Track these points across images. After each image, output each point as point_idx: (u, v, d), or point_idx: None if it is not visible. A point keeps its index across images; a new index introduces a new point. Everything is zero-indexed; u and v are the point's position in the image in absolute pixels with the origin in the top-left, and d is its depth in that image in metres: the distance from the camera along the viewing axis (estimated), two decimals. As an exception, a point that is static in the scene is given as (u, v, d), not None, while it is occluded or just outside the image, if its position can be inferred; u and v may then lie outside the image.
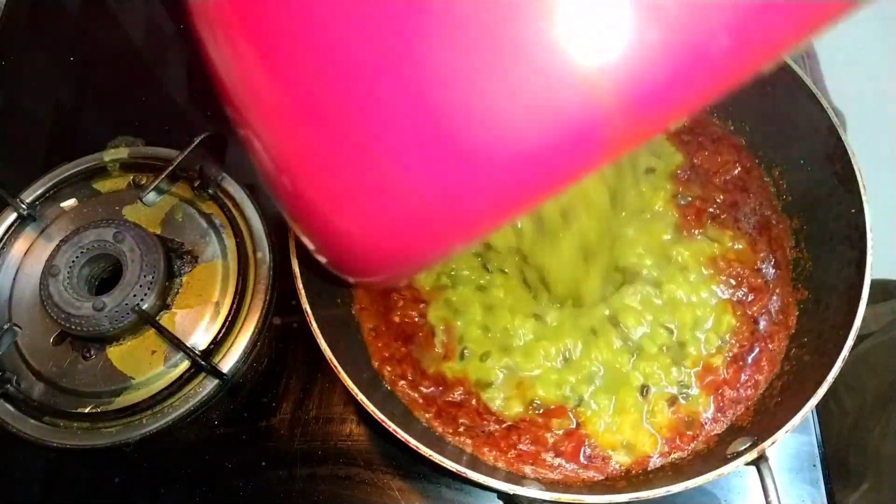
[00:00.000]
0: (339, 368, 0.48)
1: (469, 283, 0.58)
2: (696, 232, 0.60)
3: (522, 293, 0.57)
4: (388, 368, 0.57)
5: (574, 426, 0.54)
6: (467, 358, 0.57)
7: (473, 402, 0.56)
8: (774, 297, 0.58)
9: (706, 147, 0.63)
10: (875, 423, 0.68)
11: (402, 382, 0.57)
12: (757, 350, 0.57)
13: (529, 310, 0.57)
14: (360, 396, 0.47)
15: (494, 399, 0.55)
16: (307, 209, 0.30)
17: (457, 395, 0.56)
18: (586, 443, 0.54)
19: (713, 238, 0.60)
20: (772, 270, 0.59)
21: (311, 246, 0.34)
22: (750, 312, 0.58)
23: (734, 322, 0.57)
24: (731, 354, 0.56)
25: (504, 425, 0.55)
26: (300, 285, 0.51)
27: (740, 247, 0.59)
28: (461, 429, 0.55)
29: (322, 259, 0.34)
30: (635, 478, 0.53)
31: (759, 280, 0.59)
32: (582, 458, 0.54)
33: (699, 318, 0.57)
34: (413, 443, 0.46)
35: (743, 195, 0.62)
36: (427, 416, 0.56)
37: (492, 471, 0.52)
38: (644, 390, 0.55)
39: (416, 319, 0.59)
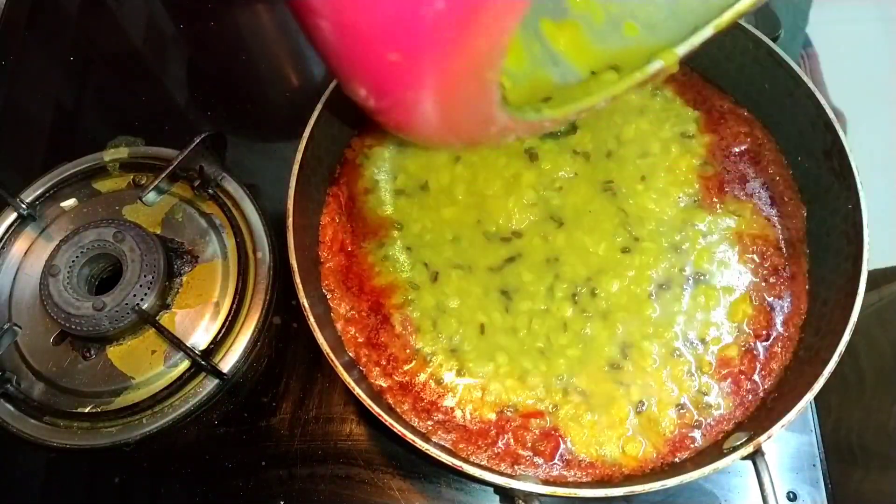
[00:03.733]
0: (339, 367, 0.48)
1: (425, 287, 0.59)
2: (717, 204, 0.59)
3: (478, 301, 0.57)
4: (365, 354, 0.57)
5: (550, 427, 0.53)
6: (419, 356, 0.56)
7: (438, 394, 0.55)
8: (790, 280, 0.57)
9: (721, 120, 0.64)
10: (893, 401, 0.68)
11: (377, 370, 0.56)
12: (773, 337, 0.56)
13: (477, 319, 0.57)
14: (357, 391, 0.47)
15: (464, 401, 0.55)
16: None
17: (423, 384, 0.55)
18: (564, 446, 0.53)
19: (734, 212, 0.59)
20: (788, 248, 0.59)
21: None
22: (767, 297, 0.57)
23: (749, 311, 0.56)
24: (745, 346, 0.55)
25: (479, 425, 0.54)
26: (297, 280, 0.51)
27: (759, 222, 0.59)
28: (430, 423, 0.54)
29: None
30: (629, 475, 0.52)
31: (780, 259, 0.58)
32: (559, 461, 0.53)
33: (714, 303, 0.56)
34: (409, 437, 0.46)
35: (756, 168, 0.61)
36: (404, 407, 0.55)
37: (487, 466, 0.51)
38: (639, 406, 0.54)
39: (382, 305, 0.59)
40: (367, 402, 0.47)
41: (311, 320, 0.50)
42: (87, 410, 0.63)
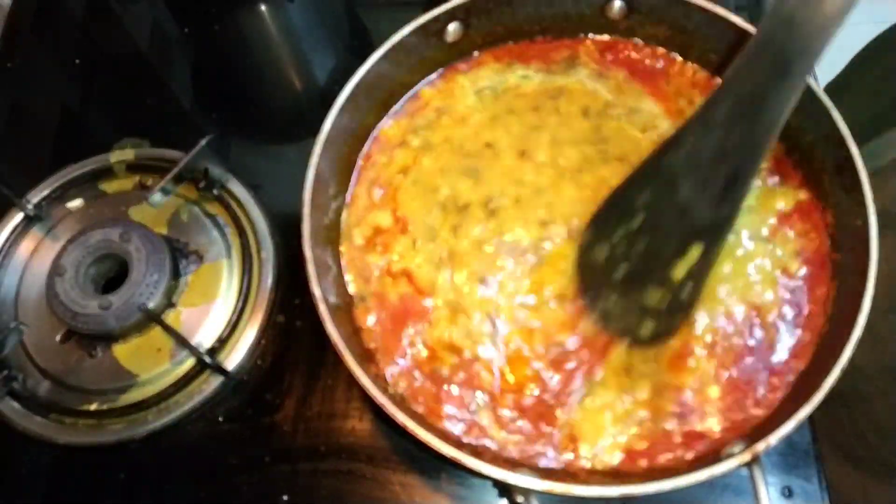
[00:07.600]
0: (344, 350, 0.48)
1: None
2: None
3: None
4: None
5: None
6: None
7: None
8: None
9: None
10: None
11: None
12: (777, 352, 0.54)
13: None
14: (363, 380, 0.47)
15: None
16: None
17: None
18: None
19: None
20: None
21: None
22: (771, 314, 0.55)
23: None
24: None
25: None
26: (311, 270, 0.51)
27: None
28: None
29: None
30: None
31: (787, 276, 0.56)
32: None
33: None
34: (411, 426, 0.46)
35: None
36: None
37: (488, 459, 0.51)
38: None
39: None
40: (365, 384, 0.47)
41: (321, 307, 0.49)
42: (92, 408, 0.63)
